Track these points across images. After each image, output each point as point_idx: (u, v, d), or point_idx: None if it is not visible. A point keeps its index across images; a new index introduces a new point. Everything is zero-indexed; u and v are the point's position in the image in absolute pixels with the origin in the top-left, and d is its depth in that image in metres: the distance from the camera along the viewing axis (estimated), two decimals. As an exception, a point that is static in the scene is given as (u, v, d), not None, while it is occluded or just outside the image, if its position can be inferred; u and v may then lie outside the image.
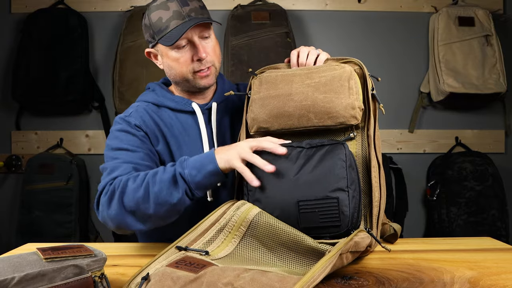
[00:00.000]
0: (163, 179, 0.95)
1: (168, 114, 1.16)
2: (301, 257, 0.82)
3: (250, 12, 2.27)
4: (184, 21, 1.06)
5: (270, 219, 0.86)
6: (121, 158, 1.06)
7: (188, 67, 1.10)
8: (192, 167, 0.96)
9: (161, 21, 1.07)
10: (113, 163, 1.05)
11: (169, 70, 1.14)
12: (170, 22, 1.06)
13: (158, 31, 1.08)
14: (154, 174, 0.98)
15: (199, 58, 1.09)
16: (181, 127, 1.15)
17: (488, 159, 2.30)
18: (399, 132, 2.45)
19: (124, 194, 0.96)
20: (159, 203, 0.95)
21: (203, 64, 1.10)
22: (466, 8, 2.33)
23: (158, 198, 0.95)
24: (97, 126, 2.43)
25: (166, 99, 1.17)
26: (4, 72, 2.42)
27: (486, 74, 2.25)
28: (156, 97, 1.18)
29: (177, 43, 1.07)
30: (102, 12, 2.42)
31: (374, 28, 2.44)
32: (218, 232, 0.87)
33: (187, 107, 1.16)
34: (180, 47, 1.08)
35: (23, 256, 0.65)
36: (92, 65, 2.40)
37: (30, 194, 2.26)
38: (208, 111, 1.18)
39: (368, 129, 0.98)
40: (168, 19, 1.06)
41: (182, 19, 1.06)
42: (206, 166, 0.95)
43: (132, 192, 0.96)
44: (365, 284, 0.76)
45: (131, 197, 0.95)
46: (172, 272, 0.70)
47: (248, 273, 0.67)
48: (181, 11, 1.06)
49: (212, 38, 1.13)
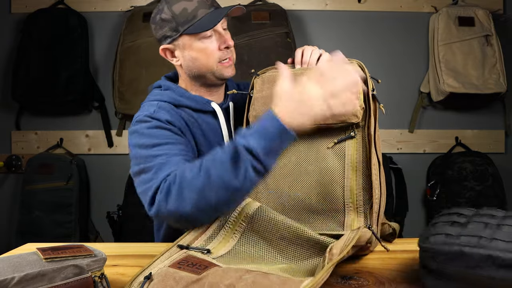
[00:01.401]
0: (224, 160, 0.84)
1: (188, 113, 1.13)
2: (302, 250, 0.83)
3: (250, 12, 2.27)
4: (211, 10, 1.08)
5: (270, 213, 0.86)
6: (165, 153, 0.97)
7: (215, 56, 1.11)
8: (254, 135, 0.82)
9: (186, 11, 1.07)
10: (158, 161, 0.96)
11: (192, 63, 1.12)
12: (198, 11, 1.07)
13: (184, 22, 1.07)
14: (213, 155, 0.87)
15: (227, 46, 1.11)
16: (206, 126, 1.15)
17: (488, 159, 2.30)
18: (399, 132, 2.45)
19: (182, 186, 0.87)
20: (223, 188, 0.84)
21: (229, 53, 1.13)
22: (466, 8, 2.32)
23: (222, 182, 0.84)
24: (97, 126, 2.43)
25: (185, 98, 1.14)
26: (4, 72, 2.42)
27: (486, 74, 2.25)
28: (175, 96, 1.14)
29: (204, 34, 1.08)
30: (102, 12, 2.42)
31: (374, 28, 2.44)
32: (219, 229, 0.87)
33: (207, 107, 1.16)
34: (206, 37, 1.09)
35: (23, 256, 0.65)
36: (92, 65, 2.40)
37: (30, 194, 2.26)
38: (225, 110, 1.19)
39: (369, 127, 0.98)
40: (194, 9, 1.07)
41: (208, 8, 1.09)
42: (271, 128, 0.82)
43: (190, 182, 0.86)
44: (365, 284, 0.76)
45: (191, 188, 0.86)
46: (175, 273, 0.70)
47: (250, 274, 0.68)
48: (205, 1, 1.09)
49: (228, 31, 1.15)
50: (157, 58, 2.17)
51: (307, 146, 1.01)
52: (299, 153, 1.02)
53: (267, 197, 1.03)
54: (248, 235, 0.86)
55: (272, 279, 0.66)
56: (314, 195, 0.98)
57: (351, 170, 0.97)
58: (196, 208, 0.86)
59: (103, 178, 2.44)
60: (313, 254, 0.82)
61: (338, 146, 1.00)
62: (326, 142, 1.00)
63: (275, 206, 1.01)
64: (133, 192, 2.19)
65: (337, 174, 0.98)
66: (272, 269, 0.77)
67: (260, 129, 0.83)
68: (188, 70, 1.15)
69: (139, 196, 0.99)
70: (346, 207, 0.96)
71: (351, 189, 0.96)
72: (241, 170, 0.82)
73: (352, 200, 0.96)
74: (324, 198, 0.97)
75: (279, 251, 0.84)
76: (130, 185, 2.26)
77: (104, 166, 2.43)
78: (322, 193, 0.98)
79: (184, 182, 0.88)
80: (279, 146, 0.83)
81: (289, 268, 0.79)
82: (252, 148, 0.81)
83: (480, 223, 0.66)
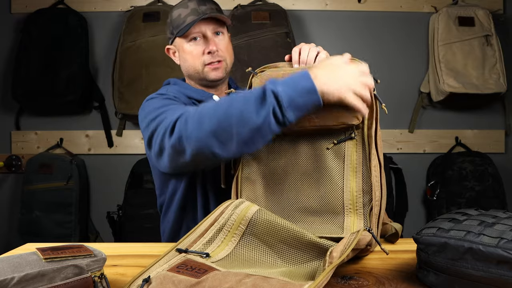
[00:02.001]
0: (248, 97, 0.85)
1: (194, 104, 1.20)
2: (302, 253, 0.82)
3: (250, 12, 2.27)
4: (198, 17, 1.16)
5: (269, 216, 0.86)
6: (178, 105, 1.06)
7: (200, 59, 1.19)
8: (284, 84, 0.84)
9: (179, 17, 1.18)
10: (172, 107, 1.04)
11: (183, 63, 1.23)
12: (187, 18, 1.17)
13: (176, 26, 1.19)
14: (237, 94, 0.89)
15: (210, 51, 1.17)
16: None
17: (488, 159, 2.30)
18: (399, 132, 2.45)
19: (203, 114, 0.89)
20: (242, 121, 0.84)
21: (214, 57, 1.18)
22: (466, 8, 2.33)
23: (242, 116, 0.84)
24: (97, 126, 2.43)
25: (190, 91, 1.23)
26: (4, 72, 2.42)
27: (486, 74, 2.25)
28: (181, 89, 1.22)
29: (191, 36, 1.18)
30: (102, 12, 2.42)
31: (374, 28, 2.44)
32: (218, 232, 0.87)
33: (209, 99, 1.20)
34: (194, 41, 1.19)
35: (23, 256, 0.65)
36: (92, 65, 2.41)
37: (30, 194, 2.26)
38: None
39: (369, 128, 0.98)
40: (186, 15, 1.17)
41: (197, 15, 1.17)
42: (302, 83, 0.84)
43: (212, 110, 0.88)
44: (365, 284, 0.76)
45: (211, 115, 0.87)
46: (174, 276, 0.70)
47: (250, 278, 0.67)
48: (197, 9, 1.18)
49: (226, 37, 1.23)
50: (157, 58, 2.20)
51: (306, 147, 1.01)
52: (299, 154, 1.02)
53: (266, 199, 1.02)
54: (248, 238, 0.86)
55: (272, 283, 0.66)
56: (313, 196, 0.98)
57: (351, 171, 0.97)
58: (215, 136, 0.87)
59: (103, 178, 2.44)
60: (313, 257, 0.81)
61: (337, 147, 0.99)
62: (326, 143, 1.00)
63: (274, 209, 1.00)
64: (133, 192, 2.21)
65: (336, 176, 0.97)
66: (272, 272, 0.77)
67: (291, 81, 0.84)
68: (184, 69, 1.26)
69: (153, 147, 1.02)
70: (345, 209, 0.95)
71: (351, 191, 0.96)
72: (263, 110, 0.83)
73: (351, 202, 0.95)
74: (323, 199, 0.97)
75: (279, 254, 0.83)
76: (130, 185, 2.26)
77: (104, 166, 2.43)
78: (321, 194, 0.97)
79: (204, 110, 0.89)
80: (303, 103, 0.84)
81: (289, 272, 0.79)
82: (278, 93, 0.82)
83: (476, 221, 0.68)
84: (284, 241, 0.83)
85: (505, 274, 0.60)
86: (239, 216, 0.87)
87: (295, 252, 0.83)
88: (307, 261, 0.81)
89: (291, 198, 1.00)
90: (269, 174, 1.03)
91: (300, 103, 0.83)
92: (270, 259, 0.83)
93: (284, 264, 0.82)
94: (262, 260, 0.83)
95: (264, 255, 0.84)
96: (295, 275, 0.78)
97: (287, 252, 0.83)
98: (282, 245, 0.84)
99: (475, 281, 0.64)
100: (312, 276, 0.77)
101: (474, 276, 0.63)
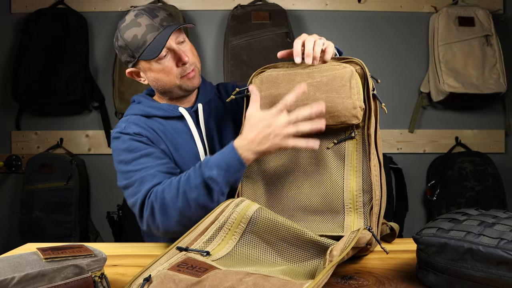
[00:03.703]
0: (198, 185, 0.98)
1: (158, 122, 1.19)
2: (302, 252, 0.82)
3: (250, 12, 2.27)
4: (159, 32, 1.09)
5: (270, 215, 0.86)
6: (143, 167, 1.09)
7: (174, 73, 1.13)
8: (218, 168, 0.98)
9: (136, 38, 1.09)
10: (139, 175, 1.08)
11: (155, 83, 1.16)
12: (147, 36, 1.09)
13: (136, 49, 1.10)
14: (187, 179, 1.00)
15: (184, 62, 1.12)
16: (173, 131, 1.19)
17: (488, 159, 2.30)
18: (399, 132, 2.45)
19: (164, 206, 1.01)
20: (200, 207, 0.99)
21: (188, 67, 1.14)
22: (466, 8, 2.33)
23: (198, 203, 0.99)
24: (97, 126, 2.43)
25: (153, 108, 1.20)
26: (4, 72, 2.42)
27: (486, 74, 2.25)
28: (143, 108, 1.20)
29: (160, 54, 1.09)
30: (102, 12, 2.42)
31: (374, 28, 2.44)
32: (218, 230, 0.87)
33: (175, 113, 1.19)
34: (162, 58, 1.11)
35: (23, 256, 0.65)
36: (92, 65, 2.40)
37: (30, 194, 2.26)
38: (195, 113, 1.22)
39: (369, 128, 0.98)
40: (143, 34, 1.09)
41: (157, 30, 1.09)
42: (233, 165, 0.98)
43: (171, 202, 1.00)
44: (365, 284, 0.76)
45: (172, 207, 1.00)
46: (174, 275, 0.70)
47: (250, 277, 0.67)
48: (153, 23, 1.09)
49: (187, 41, 1.16)
50: (157, 58, 2.20)
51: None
52: (299, 153, 1.02)
53: (267, 198, 1.03)
54: (248, 236, 0.86)
55: (272, 282, 0.66)
56: (313, 195, 0.98)
57: (351, 170, 0.97)
58: (180, 224, 1.01)
59: (103, 178, 2.43)
60: (313, 255, 0.81)
61: (338, 146, 0.99)
62: (326, 142, 1.00)
63: (274, 207, 1.01)
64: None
65: (336, 175, 0.98)
66: (272, 271, 0.77)
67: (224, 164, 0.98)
68: (155, 87, 1.20)
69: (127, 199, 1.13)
70: (345, 208, 0.96)
71: (351, 190, 0.96)
72: (214, 196, 0.99)
73: (352, 201, 0.95)
74: (324, 198, 0.97)
75: (279, 252, 0.83)
76: (130, 185, 2.26)
77: (104, 166, 2.42)
78: (322, 193, 0.98)
79: (165, 202, 1.01)
80: (237, 178, 1.00)
81: (289, 270, 0.79)
82: (217, 179, 0.97)
83: (476, 221, 0.68)
84: (285, 239, 0.83)
85: (505, 275, 0.60)
86: (240, 214, 0.87)
87: (295, 250, 0.83)
88: (307, 259, 0.82)
89: (291, 197, 1.00)
90: (269, 173, 1.03)
91: (233, 179, 1.00)
92: (270, 257, 0.83)
93: (285, 262, 0.82)
94: (262, 258, 0.83)
95: (265, 253, 0.84)
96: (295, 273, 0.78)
97: (287, 250, 0.83)
98: (283, 243, 0.84)
99: (475, 281, 0.64)
100: (313, 274, 0.77)
101: (474, 277, 0.63)
